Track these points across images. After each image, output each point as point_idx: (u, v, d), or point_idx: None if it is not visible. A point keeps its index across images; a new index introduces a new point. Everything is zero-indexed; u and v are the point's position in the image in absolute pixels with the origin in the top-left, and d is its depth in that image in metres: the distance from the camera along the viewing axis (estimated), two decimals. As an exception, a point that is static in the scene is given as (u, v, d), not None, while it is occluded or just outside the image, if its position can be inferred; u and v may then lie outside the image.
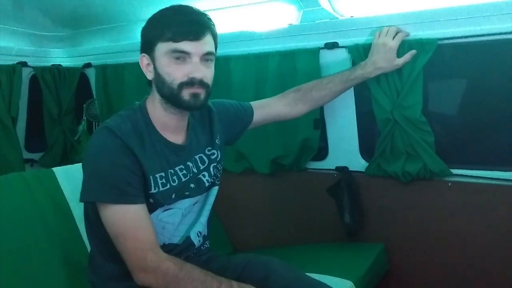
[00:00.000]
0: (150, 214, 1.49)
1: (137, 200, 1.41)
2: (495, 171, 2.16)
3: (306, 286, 1.55)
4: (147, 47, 1.49)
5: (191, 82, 1.46)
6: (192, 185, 1.61)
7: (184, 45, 1.44)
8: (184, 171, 1.58)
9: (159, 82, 1.48)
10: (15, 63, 3.05)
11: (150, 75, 1.51)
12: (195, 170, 1.62)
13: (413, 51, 2.08)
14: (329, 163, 2.59)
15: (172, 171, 1.54)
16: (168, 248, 1.55)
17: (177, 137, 1.58)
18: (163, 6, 2.53)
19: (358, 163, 2.50)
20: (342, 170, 2.54)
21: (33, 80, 3.24)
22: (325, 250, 2.53)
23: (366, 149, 2.49)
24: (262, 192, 2.83)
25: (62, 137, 3.38)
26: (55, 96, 3.28)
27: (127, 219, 1.39)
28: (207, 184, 1.66)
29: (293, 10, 2.37)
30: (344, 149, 2.53)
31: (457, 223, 2.28)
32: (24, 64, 3.11)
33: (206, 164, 1.66)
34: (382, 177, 2.40)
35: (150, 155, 1.47)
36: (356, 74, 2.08)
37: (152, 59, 1.49)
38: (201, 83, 1.48)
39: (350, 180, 2.49)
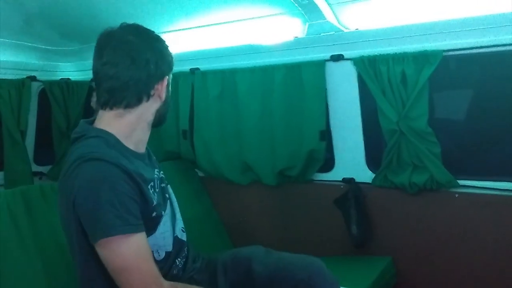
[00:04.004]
0: (155, 230, 1.51)
1: (139, 229, 1.39)
2: (502, 182, 2.16)
3: (288, 263, 1.63)
4: (169, 71, 1.57)
5: None
6: (162, 185, 1.65)
7: None
8: (156, 173, 1.63)
9: (167, 103, 1.59)
10: (24, 77, 3.09)
11: (164, 96, 1.56)
12: (158, 170, 1.66)
13: None
14: (336, 174, 2.60)
15: (156, 176, 1.60)
16: (167, 256, 1.57)
17: (142, 149, 1.61)
18: (172, 20, 2.60)
19: (364, 174, 2.50)
20: (349, 181, 2.54)
21: (42, 94, 3.28)
22: (332, 263, 2.50)
23: (372, 160, 2.50)
24: (269, 203, 2.84)
25: (70, 150, 3.40)
26: (63, 110, 3.31)
27: (131, 251, 1.36)
28: (164, 184, 1.69)
29: (299, 23, 2.39)
30: (351, 161, 2.54)
31: (465, 234, 2.27)
32: (33, 78, 3.15)
33: (154, 163, 1.70)
34: (389, 188, 2.41)
35: (139, 169, 1.49)
36: None
37: (168, 82, 1.56)
38: None
39: (357, 191, 2.49)
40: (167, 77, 1.54)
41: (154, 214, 1.49)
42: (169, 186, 1.71)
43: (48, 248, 1.99)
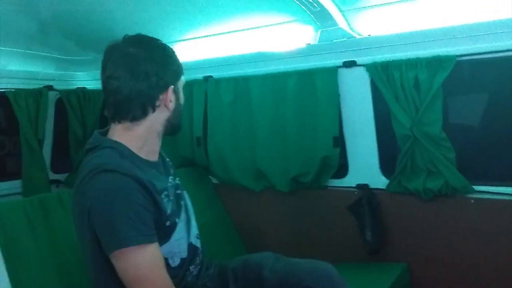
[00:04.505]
0: (170, 237, 1.52)
1: (153, 239, 1.40)
2: (518, 187, 2.13)
3: (296, 268, 1.63)
4: (175, 79, 1.53)
5: None
6: (178, 191, 1.66)
7: None
8: (171, 181, 1.64)
9: (178, 111, 1.58)
10: (41, 86, 3.15)
11: (171, 106, 1.53)
12: (173, 177, 1.67)
13: None
14: (350, 180, 2.59)
15: (169, 184, 1.60)
16: (182, 263, 1.58)
17: (155, 157, 1.61)
18: (186, 30, 2.63)
19: (378, 180, 2.49)
20: (363, 187, 2.53)
21: (59, 103, 3.33)
22: (346, 269, 2.49)
23: (386, 166, 2.48)
24: (282, 210, 2.84)
25: (86, 158, 3.44)
26: (80, 118, 3.36)
27: (145, 261, 1.37)
28: (179, 190, 1.69)
29: (311, 30, 2.40)
30: (365, 167, 2.53)
31: (480, 240, 2.24)
32: (50, 87, 3.21)
33: (173, 170, 1.72)
34: (403, 194, 2.39)
35: (153, 179, 1.49)
36: None
37: (176, 91, 1.55)
38: None
39: (371, 197, 2.48)
40: (172, 86, 1.52)
41: (168, 223, 1.50)
42: (185, 192, 1.72)
43: (65, 255, 2.02)
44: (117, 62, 1.48)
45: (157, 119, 1.53)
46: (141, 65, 1.46)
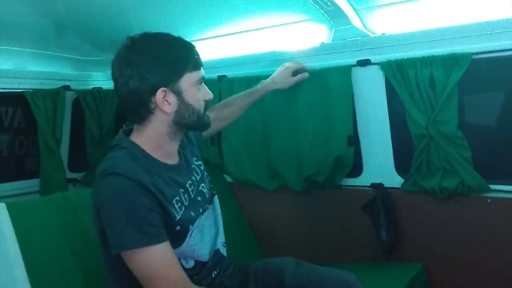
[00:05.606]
0: (181, 243, 1.53)
1: (161, 239, 1.40)
2: (536, 186, 2.10)
3: (318, 276, 1.62)
4: (169, 80, 1.45)
5: (207, 104, 1.59)
6: (199, 198, 1.64)
7: (202, 72, 1.55)
8: (192, 187, 1.61)
9: (186, 111, 1.50)
10: (59, 87, 3.21)
11: (169, 108, 1.47)
12: (196, 183, 1.65)
13: (305, 74, 2.43)
14: (364, 179, 2.58)
15: (183, 190, 1.57)
16: (200, 265, 1.60)
17: (173, 159, 1.60)
18: (201, 29, 2.65)
19: (393, 179, 2.48)
20: (378, 186, 2.52)
21: (76, 102, 3.39)
22: (361, 269, 2.49)
23: (401, 165, 2.46)
24: (296, 209, 2.84)
25: (103, 157, 3.47)
26: (96, 118, 3.40)
27: (155, 260, 1.38)
28: (207, 196, 1.69)
29: (324, 29, 2.40)
30: (379, 165, 2.51)
31: (498, 241, 2.21)
32: (67, 88, 3.26)
33: (200, 175, 1.69)
34: (419, 193, 2.37)
35: (162, 185, 1.47)
36: (257, 89, 2.32)
37: (176, 91, 1.47)
38: None
39: (385, 196, 2.47)
40: (164, 88, 1.45)
41: (178, 227, 1.50)
42: (216, 198, 1.72)
43: (83, 252, 2.04)
44: (114, 66, 1.49)
45: (160, 121, 1.50)
46: (124, 69, 1.45)
